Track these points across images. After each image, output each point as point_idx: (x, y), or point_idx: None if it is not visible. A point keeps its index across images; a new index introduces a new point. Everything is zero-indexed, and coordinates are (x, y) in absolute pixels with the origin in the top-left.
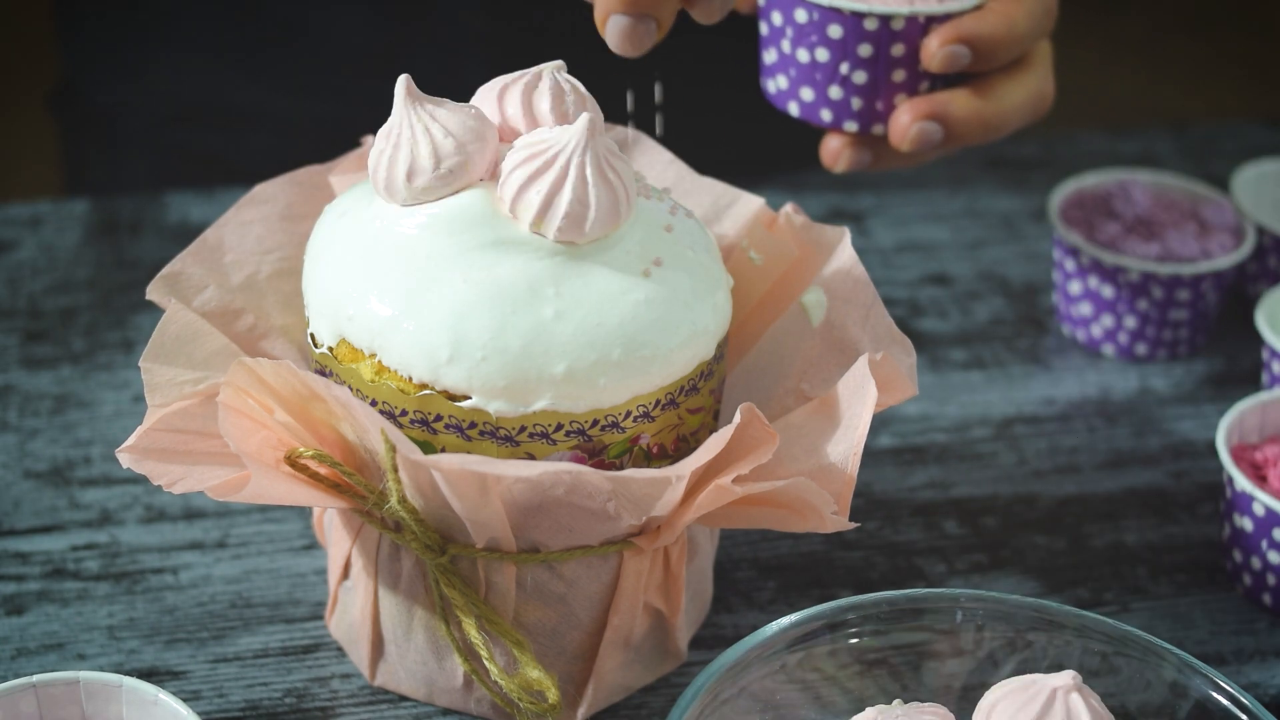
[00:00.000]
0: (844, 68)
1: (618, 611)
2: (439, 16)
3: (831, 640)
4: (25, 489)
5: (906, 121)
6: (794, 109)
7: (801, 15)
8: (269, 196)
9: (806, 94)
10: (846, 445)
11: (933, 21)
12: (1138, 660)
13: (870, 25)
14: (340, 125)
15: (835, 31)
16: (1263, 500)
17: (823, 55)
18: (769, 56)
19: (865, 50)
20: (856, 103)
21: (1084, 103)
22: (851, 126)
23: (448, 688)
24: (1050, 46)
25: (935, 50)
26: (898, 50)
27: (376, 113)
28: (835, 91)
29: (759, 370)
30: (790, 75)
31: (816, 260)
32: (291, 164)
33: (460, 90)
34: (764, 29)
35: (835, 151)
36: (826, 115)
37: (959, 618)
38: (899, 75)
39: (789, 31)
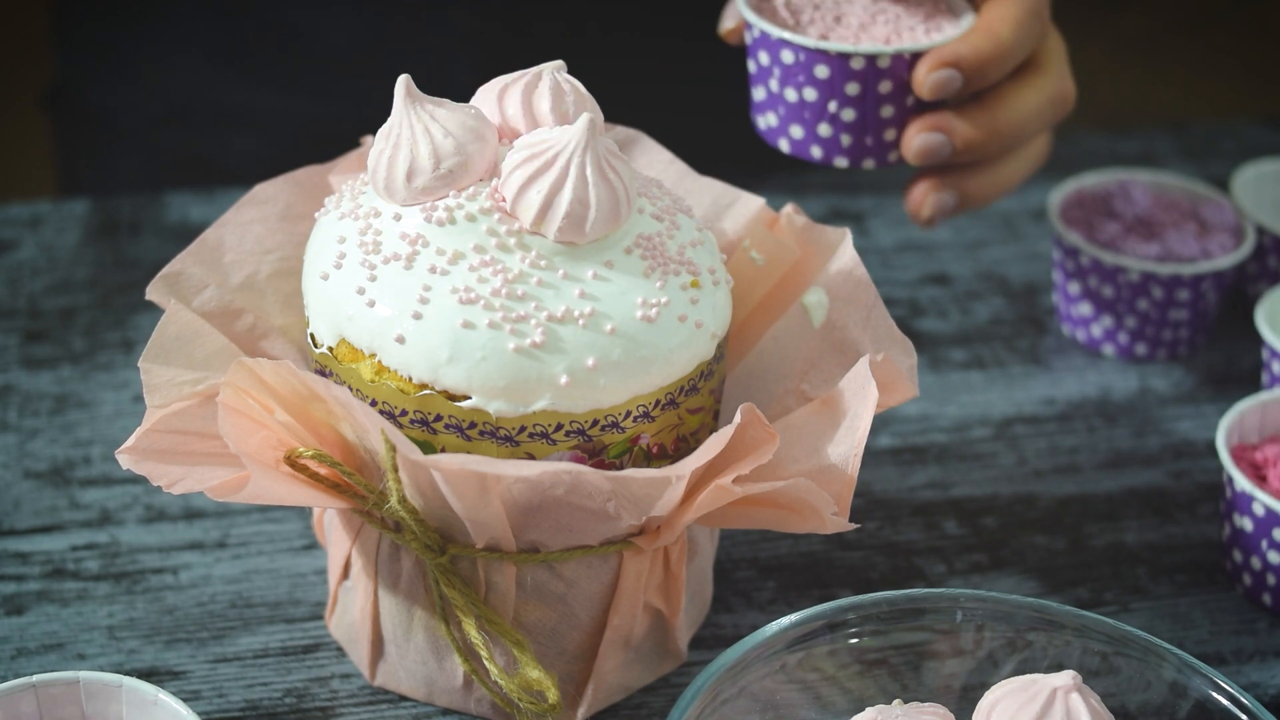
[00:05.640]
0: (832, 106)
1: (618, 611)
2: (427, 16)
3: (831, 640)
4: (25, 489)
5: (911, 134)
6: (784, 146)
7: (788, 56)
8: (269, 196)
9: (796, 131)
10: (847, 446)
11: (918, 56)
12: (1138, 660)
13: (857, 65)
14: (328, 124)
15: (822, 72)
16: (1263, 500)
17: (810, 95)
18: (758, 94)
19: (853, 89)
20: (846, 139)
21: (1084, 103)
22: (842, 162)
23: (448, 688)
24: (1062, 43)
25: (924, 78)
26: (885, 87)
27: (363, 112)
28: (824, 129)
29: (760, 370)
30: (779, 113)
31: (818, 261)
32: (280, 163)
33: (448, 89)
34: (752, 67)
35: (918, 199)
36: (817, 152)
37: (959, 618)
38: (887, 110)
39: (776, 71)
